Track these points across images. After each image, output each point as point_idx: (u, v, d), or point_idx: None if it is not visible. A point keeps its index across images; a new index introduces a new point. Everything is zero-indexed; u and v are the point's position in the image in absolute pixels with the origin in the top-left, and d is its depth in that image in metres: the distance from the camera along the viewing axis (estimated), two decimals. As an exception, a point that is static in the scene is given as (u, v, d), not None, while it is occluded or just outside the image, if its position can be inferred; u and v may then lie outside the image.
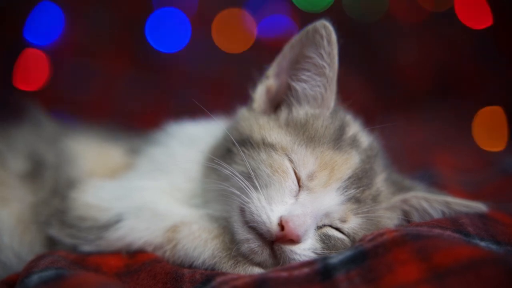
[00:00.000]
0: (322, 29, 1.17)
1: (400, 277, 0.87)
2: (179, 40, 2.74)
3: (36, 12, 2.52)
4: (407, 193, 1.21)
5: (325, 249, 1.09)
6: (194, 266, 1.14)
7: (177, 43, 2.74)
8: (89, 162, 1.41)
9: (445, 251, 0.89)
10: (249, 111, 1.29)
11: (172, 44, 2.74)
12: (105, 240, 1.21)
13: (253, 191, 1.10)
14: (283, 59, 1.25)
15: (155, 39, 2.71)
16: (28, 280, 1.02)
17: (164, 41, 2.73)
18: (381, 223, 1.16)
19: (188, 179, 1.29)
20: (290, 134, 1.17)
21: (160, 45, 2.72)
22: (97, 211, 1.24)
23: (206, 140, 1.34)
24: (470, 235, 1.05)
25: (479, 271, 0.83)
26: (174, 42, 2.74)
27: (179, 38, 2.74)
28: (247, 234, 1.09)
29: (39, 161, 1.40)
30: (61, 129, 1.55)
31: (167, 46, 2.74)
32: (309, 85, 1.22)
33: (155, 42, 2.71)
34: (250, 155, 1.15)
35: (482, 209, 1.18)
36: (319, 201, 1.09)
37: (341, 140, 1.16)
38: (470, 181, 1.75)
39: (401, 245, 0.93)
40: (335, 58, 1.18)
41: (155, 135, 1.46)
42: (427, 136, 2.55)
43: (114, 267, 1.16)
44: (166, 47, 2.74)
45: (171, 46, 2.74)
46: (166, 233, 1.19)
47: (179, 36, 2.74)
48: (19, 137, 1.47)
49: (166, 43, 2.73)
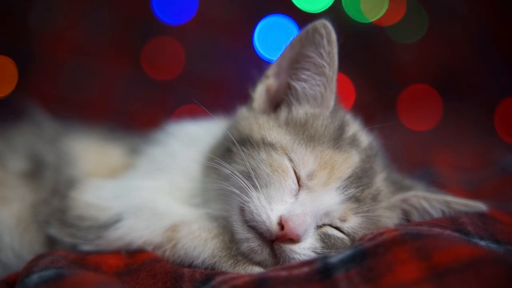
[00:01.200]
0: (322, 28, 1.17)
1: (400, 276, 0.87)
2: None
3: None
4: (407, 193, 1.21)
5: (325, 248, 1.09)
6: (194, 265, 1.14)
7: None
8: (89, 162, 1.42)
9: (445, 250, 0.89)
10: (249, 110, 1.29)
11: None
12: (105, 239, 1.21)
13: (253, 191, 1.10)
14: (283, 58, 1.25)
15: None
16: (28, 279, 1.02)
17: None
18: (381, 222, 1.16)
19: (188, 178, 1.29)
20: (290, 134, 1.17)
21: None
22: (97, 211, 1.24)
23: (206, 140, 1.34)
24: (470, 234, 1.05)
25: (479, 270, 0.83)
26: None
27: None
28: (247, 233, 1.09)
29: (39, 161, 1.40)
30: (61, 129, 1.55)
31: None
32: (309, 84, 1.22)
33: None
34: (250, 154, 1.15)
35: (481, 208, 1.18)
36: (319, 200, 1.09)
37: (341, 140, 1.16)
38: (469, 180, 1.75)
39: (401, 244, 0.93)
40: (335, 58, 1.17)
41: (155, 134, 1.46)
42: (426, 135, 2.55)
43: (114, 266, 1.16)
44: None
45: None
46: (165, 233, 1.19)
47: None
48: (19, 137, 1.47)
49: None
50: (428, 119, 2.82)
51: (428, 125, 2.81)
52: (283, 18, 2.62)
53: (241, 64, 2.63)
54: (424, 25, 2.82)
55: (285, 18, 2.62)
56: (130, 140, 1.52)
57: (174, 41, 2.73)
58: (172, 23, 2.70)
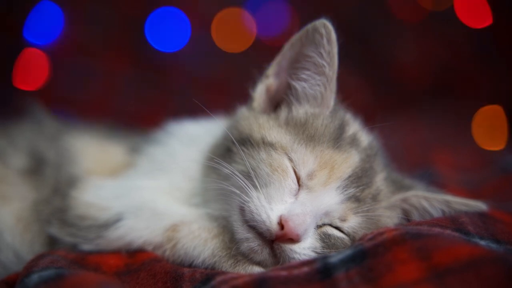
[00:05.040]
0: (321, 28, 1.17)
1: (400, 276, 0.87)
2: (178, 39, 2.74)
3: (35, 12, 2.52)
4: (407, 192, 1.21)
5: (325, 248, 1.09)
6: (194, 265, 1.14)
7: (176, 43, 2.74)
8: (90, 161, 1.42)
9: (445, 250, 0.89)
10: (249, 110, 1.29)
11: (172, 43, 2.74)
12: (105, 239, 1.21)
13: (253, 190, 1.10)
14: (282, 58, 1.25)
15: (154, 38, 2.71)
16: (28, 279, 1.02)
17: (164, 40, 2.73)
18: (381, 222, 1.16)
19: (188, 178, 1.29)
20: (289, 133, 1.17)
21: (160, 45, 2.72)
22: (97, 210, 1.24)
23: (206, 139, 1.34)
24: (470, 234, 1.05)
25: (479, 270, 0.83)
26: (174, 42, 2.74)
27: (178, 37, 2.74)
28: (247, 233, 1.09)
29: (39, 158, 1.40)
30: (61, 127, 1.55)
31: (167, 46, 2.73)
32: (309, 84, 1.22)
33: (154, 41, 2.71)
34: (250, 154, 1.15)
35: (482, 208, 1.18)
36: (319, 200, 1.09)
37: (341, 139, 1.16)
38: (469, 180, 1.75)
39: (401, 244, 0.93)
40: (335, 57, 1.18)
41: (155, 134, 1.46)
42: (426, 135, 2.54)
43: (114, 266, 1.16)
44: (166, 47, 2.73)
45: (170, 46, 2.74)
46: (165, 232, 1.19)
47: (179, 35, 2.74)
48: (19, 134, 1.47)
49: (165, 43, 2.73)
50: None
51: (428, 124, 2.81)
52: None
53: (241, 64, 2.63)
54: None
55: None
56: (130, 139, 1.52)
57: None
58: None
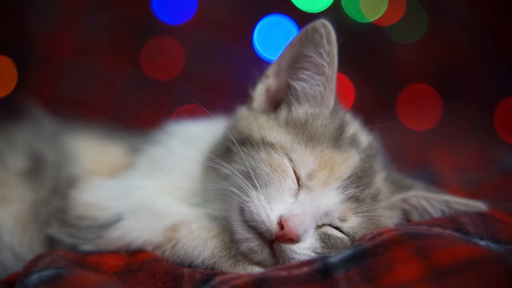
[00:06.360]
0: (321, 28, 1.17)
1: (399, 276, 0.87)
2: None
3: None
4: (406, 192, 1.21)
5: (325, 248, 1.09)
6: (193, 265, 1.14)
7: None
8: (89, 161, 1.42)
9: (444, 250, 0.89)
10: (248, 110, 1.29)
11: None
12: (105, 239, 1.21)
13: (253, 190, 1.10)
14: (282, 58, 1.25)
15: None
16: (27, 279, 1.02)
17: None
18: (380, 222, 1.16)
19: (188, 178, 1.29)
20: (289, 133, 1.17)
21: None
22: (97, 210, 1.24)
23: (206, 139, 1.34)
24: (469, 234, 1.05)
25: (479, 270, 0.83)
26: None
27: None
28: (247, 233, 1.09)
29: (39, 159, 1.40)
30: (61, 127, 1.55)
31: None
32: (309, 84, 1.22)
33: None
34: (250, 154, 1.15)
35: (481, 208, 1.18)
36: (319, 200, 1.09)
37: (341, 139, 1.16)
38: (469, 180, 1.75)
39: (401, 244, 0.93)
40: (335, 57, 1.18)
41: (155, 134, 1.46)
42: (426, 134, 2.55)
43: (114, 266, 1.16)
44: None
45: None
46: (165, 232, 1.19)
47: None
48: (19, 135, 1.47)
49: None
50: (428, 118, 2.82)
51: (428, 125, 2.81)
52: (283, 18, 2.63)
53: (241, 64, 2.63)
54: (424, 25, 2.83)
55: (284, 18, 2.62)
56: (130, 139, 1.52)
57: (173, 40, 2.73)
58: (171, 22, 2.70)
